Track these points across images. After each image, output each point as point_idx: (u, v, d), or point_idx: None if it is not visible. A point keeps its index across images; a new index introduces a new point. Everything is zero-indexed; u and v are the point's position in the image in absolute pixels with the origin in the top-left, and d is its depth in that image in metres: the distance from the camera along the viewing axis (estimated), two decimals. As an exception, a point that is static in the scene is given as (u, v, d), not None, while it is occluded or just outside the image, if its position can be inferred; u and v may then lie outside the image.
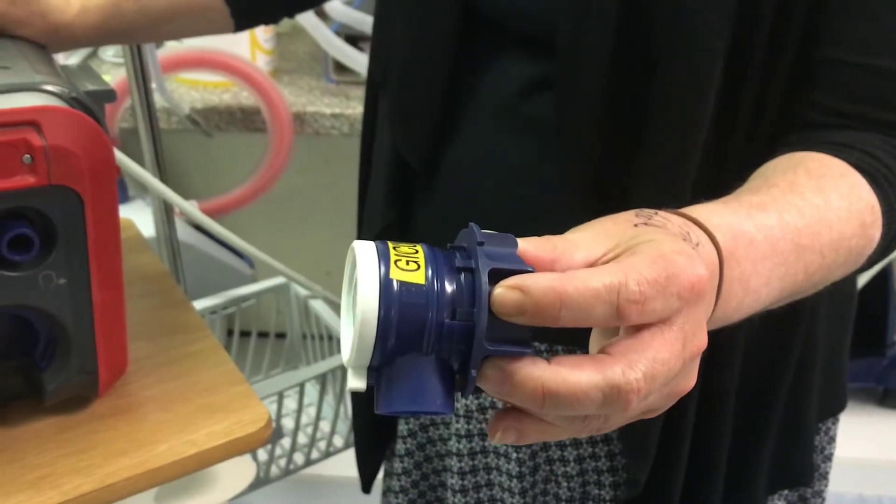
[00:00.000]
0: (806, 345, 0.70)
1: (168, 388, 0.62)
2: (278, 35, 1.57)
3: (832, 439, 0.79)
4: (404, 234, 0.74)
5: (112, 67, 1.50)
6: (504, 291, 0.35)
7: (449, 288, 0.36)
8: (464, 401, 0.75)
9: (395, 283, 0.35)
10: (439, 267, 0.36)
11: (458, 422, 0.76)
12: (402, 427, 0.81)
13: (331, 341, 1.24)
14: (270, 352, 1.35)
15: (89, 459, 0.56)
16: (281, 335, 1.35)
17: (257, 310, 1.27)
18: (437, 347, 0.36)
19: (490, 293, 0.35)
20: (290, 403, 1.18)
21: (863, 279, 1.27)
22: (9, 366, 0.59)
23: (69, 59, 1.48)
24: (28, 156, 0.49)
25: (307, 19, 1.40)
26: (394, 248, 0.37)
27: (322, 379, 1.15)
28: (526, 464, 0.74)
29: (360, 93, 1.45)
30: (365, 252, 0.36)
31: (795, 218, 0.48)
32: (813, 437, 0.76)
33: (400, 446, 0.82)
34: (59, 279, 0.54)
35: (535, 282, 0.35)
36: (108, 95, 0.58)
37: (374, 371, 0.37)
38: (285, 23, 1.66)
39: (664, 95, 0.57)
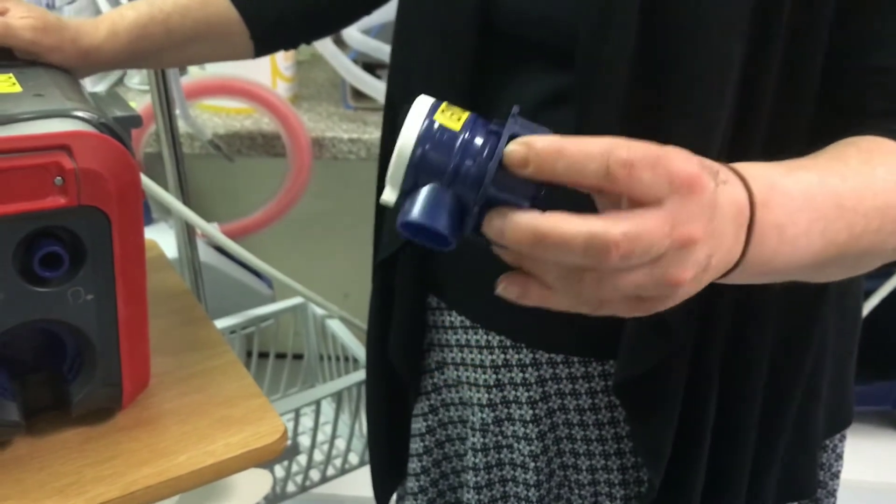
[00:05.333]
0: (817, 355, 0.71)
1: (188, 401, 0.64)
2: (298, 63, 1.60)
3: (839, 456, 0.79)
4: (428, 259, 0.76)
5: (138, 94, 1.54)
6: (514, 147, 0.41)
7: (477, 142, 0.42)
8: (480, 414, 0.76)
9: (436, 124, 0.43)
10: (476, 127, 0.43)
11: (474, 436, 0.77)
12: (418, 445, 0.82)
13: (346, 362, 1.26)
14: (288, 372, 1.37)
15: (113, 468, 0.58)
16: (298, 356, 1.37)
17: (276, 330, 1.29)
18: (454, 184, 0.42)
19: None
20: (307, 421, 1.19)
21: (873, 301, 1.27)
22: (37, 378, 0.61)
23: (97, 86, 1.52)
24: (59, 178, 0.52)
25: (326, 47, 1.43)
26: (447, 104, 0.44)
27: (338, 397, 1.16)
28: (543, 471, 0.75)
29: (377, 118, 1.47)
30: (423, 100, 0.44)
31: (837, 181, 0.50)
32: (819, 449, 0.76)
33: (415, 465, 0.82)
34: (86, 295, 0.56)
35: (540, 139, 0.41)
36: (135, 121, 0.60)
37: (403, 195, 0.43)
38: (305, 51, 1.70)
39: (683, 101, 0.58)
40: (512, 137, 0.42)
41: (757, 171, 0.47)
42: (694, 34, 0.57)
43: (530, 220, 0.41)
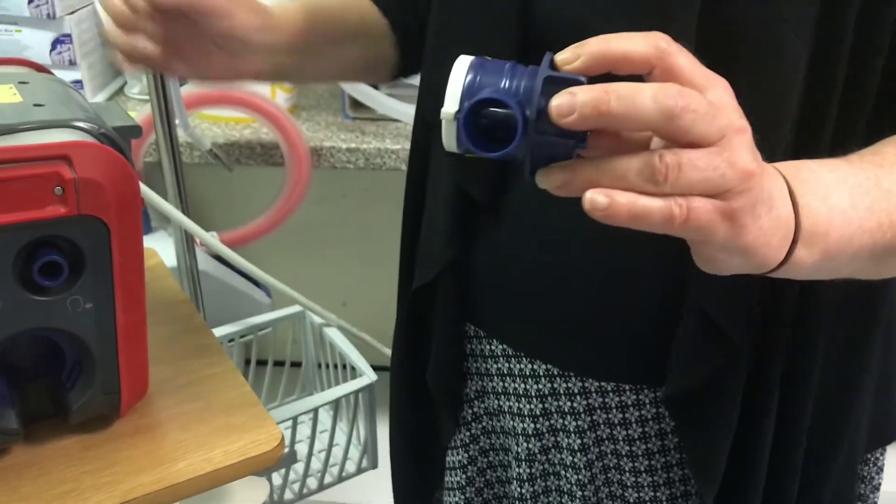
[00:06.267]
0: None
1: (187, 409, 0.65)
2: (297, 72, 1.61)
3: (880, 469, 0.78)
4: (466, 271, 0.74)
5: (138, 104, 1.55)
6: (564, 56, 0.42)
7: (521, 66, 0.44)
8: (526, 444, 0.74)
9: (485, 58, 0.45)
10: (517, 65, 0.44)
11: (519, 466, 0.75)
12: (459, 477, 0.80)
13: (344, 370, 1.27)
14: (286, 380, 1.37)
15: (112, 475, 0.58)
16: (296, 364, 1.37)
17: (274, 338, 1.29)
18: (510, 89, 0.43)
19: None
20: (305, 429, 1.20)
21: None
22: (36, 386, 0.62)
23: (97, 96, 1.53)
24: (59, 188, 0.52)
25: (325, 57, 1.44)
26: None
27: (336, 405, 1.17)
28: (590, 500, 0.73)
29: (375, 128, 1.48)
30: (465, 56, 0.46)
31: (870, 166, 0.50)
32: (859, 462, 0.74)
33: (457, 498, 0.80)
34: (85, 304, 0.57)
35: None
36: (135, 131, 0.61)
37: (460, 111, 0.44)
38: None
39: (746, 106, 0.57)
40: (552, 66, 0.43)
41: (776, 163, 0.47)
42: (761, 40, 0.55)
43: (600, 86, 0.41)
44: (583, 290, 0.67)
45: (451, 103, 0.43)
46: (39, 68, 0.69)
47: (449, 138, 0.44)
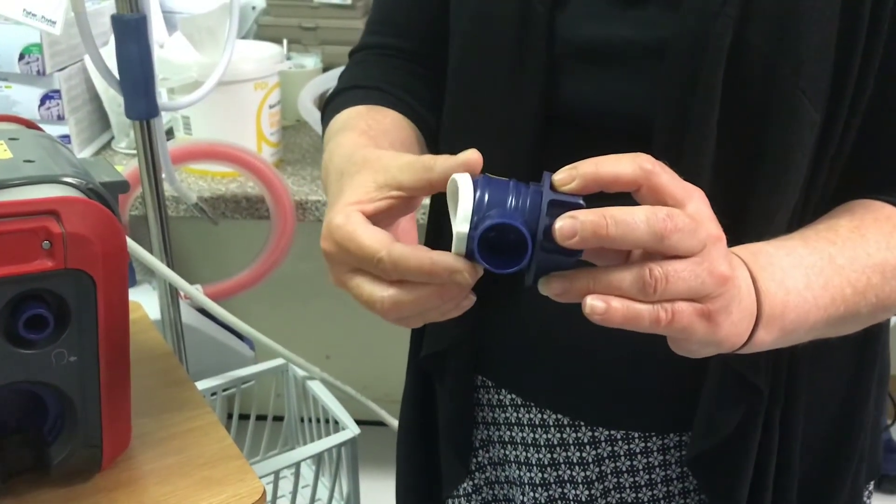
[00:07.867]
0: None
1: (169, 463, 0.65)
2: (283, 128, 1.63)
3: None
4: (478, 331, 0.74)
5: (125, 158, 1.56)
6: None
7: (523, 185, 0.47)
8: (532, 494, 0.74)
9: (489, 176, 0.48)
10: (518, 181, 0.47)
11: None
12: None
13: (327, 424, 1.26)
14: (268, 434, 1.36)
15: (91, 530, 0.58)
16: (279, 418, 1.37)
17: (257, 391, 1.29)
18: (515, 212, 0.46)
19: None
20: (287, 484, 1.19)
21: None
22: (17, 440, 0.62)
23: (83, 151, 1.54)
24: (47, 242, 0.53)
25: (310, 114, 1.46)
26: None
27: (318, 459, 1.16)
28: None
29: (360, 182, 1.49)
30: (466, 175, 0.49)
31: (825, 244, 0.53)
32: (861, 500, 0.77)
33: None
34: (70, 357, 0.57)
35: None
36: (122, 186, 0.61)
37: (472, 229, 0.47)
38: (290, 117, 1.73)
39: (766, 180, 0.58)
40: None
41: (736, 248, 0.51)
42: (779, 108, 0.57)
43: (599, 211, 0.44)
44: (597, 344, 0.69)
45: (462, 223, 0.46)
46: (29, 125, 0.70)
47: (458, 249, 0.47)
